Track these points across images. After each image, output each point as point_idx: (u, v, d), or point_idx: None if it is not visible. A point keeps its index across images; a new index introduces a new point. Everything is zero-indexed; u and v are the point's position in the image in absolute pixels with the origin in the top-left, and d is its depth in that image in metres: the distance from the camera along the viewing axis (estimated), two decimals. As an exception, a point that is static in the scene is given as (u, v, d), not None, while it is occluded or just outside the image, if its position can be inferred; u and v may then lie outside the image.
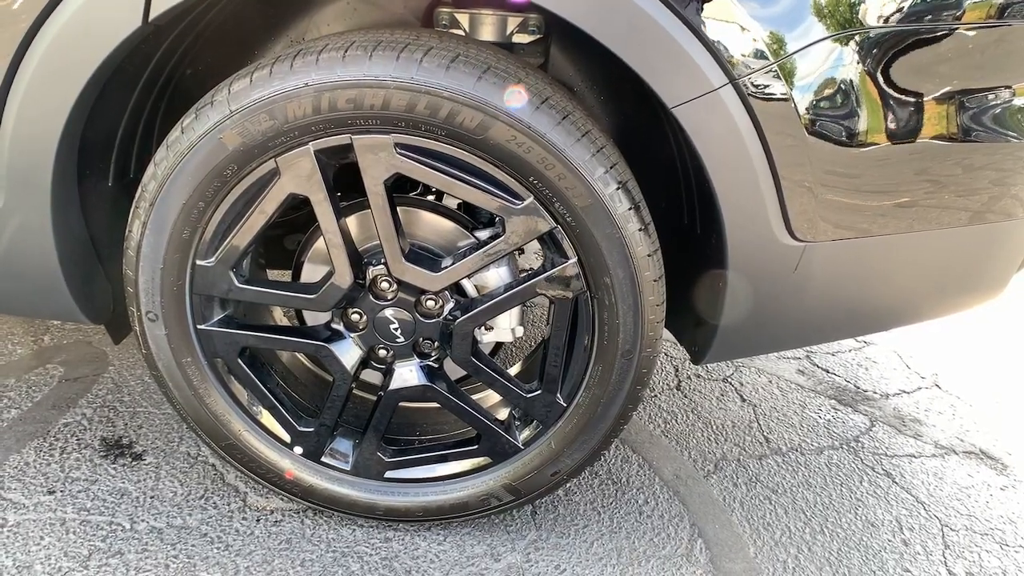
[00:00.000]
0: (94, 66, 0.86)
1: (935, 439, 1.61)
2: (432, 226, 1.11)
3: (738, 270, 1.02)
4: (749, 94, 0.89)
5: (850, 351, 1.95)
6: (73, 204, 1.00)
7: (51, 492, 1.23)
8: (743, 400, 1.69)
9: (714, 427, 1.58)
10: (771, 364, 1.84)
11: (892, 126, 0.93)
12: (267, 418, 1.15)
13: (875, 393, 1.77)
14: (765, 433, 1.58)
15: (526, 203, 0.97)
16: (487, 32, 1.12)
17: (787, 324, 1.11)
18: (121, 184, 1.11)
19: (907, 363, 1.92)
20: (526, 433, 1.16)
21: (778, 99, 0.90)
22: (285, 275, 1.32)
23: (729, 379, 1.76)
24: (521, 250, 1.10)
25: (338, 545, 1.19)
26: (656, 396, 1.67)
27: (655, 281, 1.02)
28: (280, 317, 1.36)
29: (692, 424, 1.58)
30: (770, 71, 0.88)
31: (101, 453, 1.33)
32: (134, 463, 1.32)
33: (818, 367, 1.85)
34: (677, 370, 1.78)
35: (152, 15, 0.84)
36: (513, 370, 1.28)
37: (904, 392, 1.79)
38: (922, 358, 1.95)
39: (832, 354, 1.92)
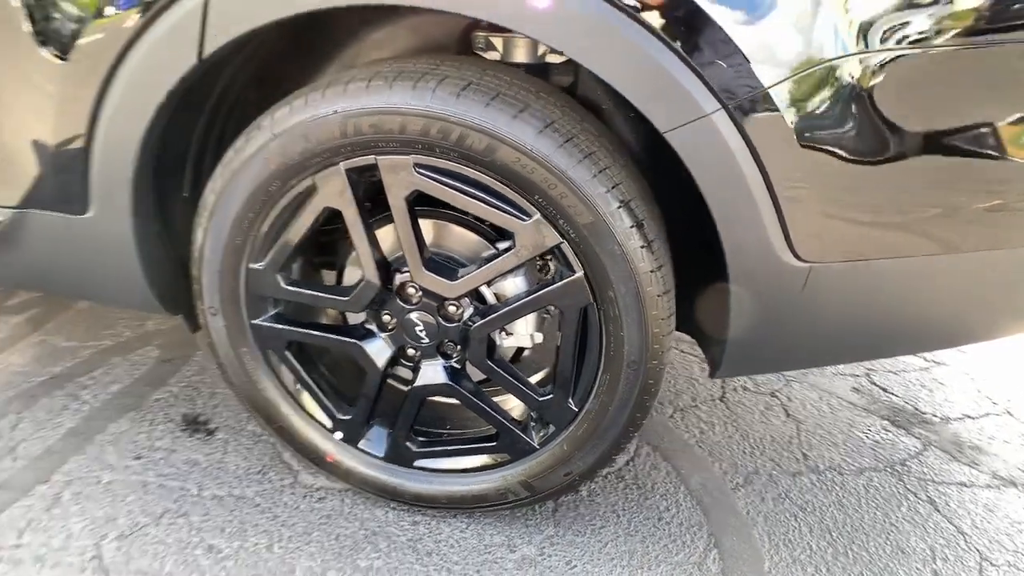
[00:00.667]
0: (161, 96, 1.02)
1: (994, 469, 1.53)
2: (458, 237, 1.20)
3: (741, 288, 1.04)
4: (742, 119, 0.91)
5: (916, 370, 1.87)
6: (150, 213, 1.17)
7: (138, 458, 1.43)
8: (788, 415, 1.67)
9: (752, 440, 1.58)
10: (825, 380, 1.80)
11: (890, 146, 0.92)
12: (311, 404, 1.28)
13: (935, 416, 1.69)
14: (804, 450, 1.56)
15: (533, 219, 1.04)
16: (520, 54, 1.20)
17: (797, 343, 1.11)
18: (195, 195, 1.28)
19: (979, 387, 1.82)
20: (542, 434, 1.23)
21: (772, 122, 0.91)
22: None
23: (777, 393, 1.74)
24: (542, 261, 1.17)
25: (371, 524, 1.31)
26: (697, 406, 1.68)
27: (659, 296, 1.06)
28: (335, 315, 1.50)
29: (730, 436, 1.59)
30: (762, 95, 0.90)
31: (181, 427, 1.52)
32: (207, 437, 1.50)
33: (876, 385, 1.79)
34: (723, 381, 1.78)
35: (205, 54, 0.98)
36: (540, 375, 1.35)
37: (968, 417, 1.70)
38: (997, 383, 1.84)
39: (895, 372, 1.85)
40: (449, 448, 1.29)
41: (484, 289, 1.17)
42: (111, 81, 1.01)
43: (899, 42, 0.88)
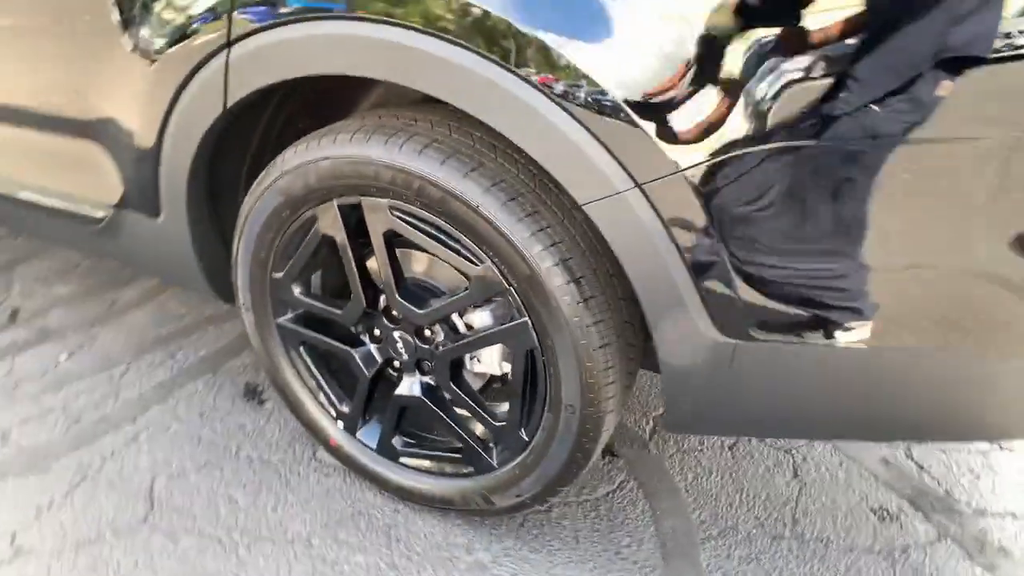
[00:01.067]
0: (201, 134, 1.25)
1: (1011, 576, 1.40)
2: (439, 270, 1.33)
3: (668, 358, 1.08)
4: (656, 198, 0.96)
5: (970, 452, 1.71)
6: (205, 220, 1.43)
7: (201, 415, 1.74)
8: (795, 476, 1.62)
9: (745, 495, 1.56)
10: (854, 444, 1.71)
11: (796, 234, 0.92)
12: (319, 394, 1.50)
13: (967, 506, 1.56)
14: (797, 515, 1.52)
15: (484, 266, 1.15)
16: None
17: (728, 415, 1.12)
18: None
19: (1039, 483, 1.63)
20: (503, 455, 1.34)
21: (685, 204, 0.95)
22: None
23: (793, 451, 1.69)
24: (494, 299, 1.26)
25: (359, 505, 1.50)
26: (701, 450, 1.68)
27: (596, 349, 1.13)
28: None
29: (723, 486, 1.58)
30: (677, 178, 0.94)
31: (241, 394, 1.82)
32: (257, 406, 1.78)
33: (912, 460, 1.67)
34: (742, 429, 1.76)
35: (229, 104, 1.19)
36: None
37: (1012, 515, 1.54)
38: (1066, 483, 1.63)
39: (942, 451, 1.71)
40: (427, 451, 1.44)
41: (456, 318, 1.30)
42: (170, 115, 1.26)
43: (810, 136, 0.88)
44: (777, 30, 0.85)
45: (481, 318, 1.29)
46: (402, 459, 1.46)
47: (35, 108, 1.49)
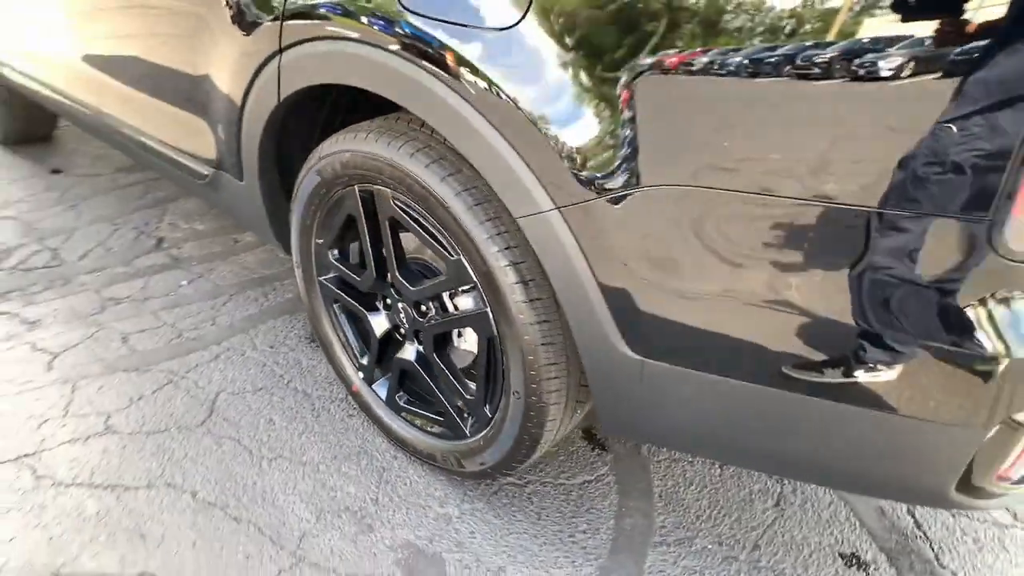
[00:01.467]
0: (264, 119, 1.52)
1: (964, 652, 1.33)
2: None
3: (591, 366, 1.18)
4: (572, 220, 1.06)
5: (984, 521, 1.60)
6: (275, 186, 1.72)
7: (271, 347, 2.08)
8: (776, 504, 1.63)
9: (716, 511, 1.60)
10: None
11: (705, 270, 0.98)
12: (347, 347, 1.75)
13: (950, 574, 1.48)
14: (759, 542, 1.54)
15: (456, 258, 1.31)
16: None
17: (647, 426, 1.20)
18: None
19: (1049, 570, 1.50)
20: (474, 426, 1.51)
21: (596, 229, 1.05)
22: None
23: (785, 481, 1.69)
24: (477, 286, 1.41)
25: (367, 446, 1.75)
26: (692, 462, 1.73)
27: (539, 345, 1.26)
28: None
29: (697, 499, 1.63)
30: (588, 206, 1.04)
31: (306, 336, 2.13)
32: (316, 348, 2.08)
33: (911, 516, 1.60)
34: (742, 450, 1.77)
35: (282, 98, 1.44)
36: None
37: (999, 594, 1.45)
38: (1083, 576, 1.49)
39: (953, 515, 1.62)
40: (420, 411, 1.65)
41: (446, 299, 1.47)
42: (248, 96, 1.54)
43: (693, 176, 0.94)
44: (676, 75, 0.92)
45: (465, 302, 1.46)
46: (403, 414, 1.68)
47: (162, 78, 1.85)
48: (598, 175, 1.01)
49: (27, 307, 2.21)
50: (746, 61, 0.88)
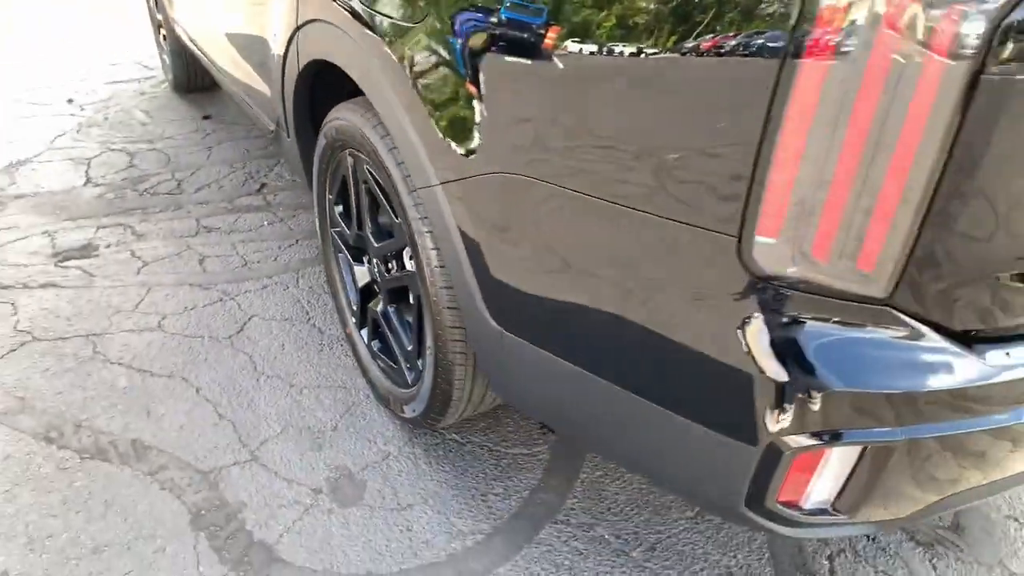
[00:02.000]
0: (293, 85, 1.79)
1: None
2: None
3: (470, 331, 1.31)
4: (449, 198, 1.20)
5: (981, 565, 1.50)
6: (309, 143, 1.99)
7: (310, 287, 2.38)
8: (694, 518, 1.63)
9: (630, 508, 1.65)
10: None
11: (553, 249, 1.08)
12: (346, 291, 1.99)
13: (841, 625, 1.42)
14: (656, 545, 1.56)
15: (399, 222, 1.49)
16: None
17: (513, 392, 1.31)
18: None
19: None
20: (413, 375, 1.69)
21: (463, 208, 1.17)
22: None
23: (713, 499, 1.68)
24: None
25: (348, 382, 1.98)
26: (629, 460, 1.78)
27: (444, 308, 1.41)
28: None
29: (618, 492, 1.68)
30: (456, 185, 1.17)
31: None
32: (344, 295, 2.35)
33: (828, 562, 1.54)
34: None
35: (300, 67, 1.70)
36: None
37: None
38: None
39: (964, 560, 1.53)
40: (382, 357, 1.85)
41: (406, 258, 1.66)
42: (284, 66, 1.83)
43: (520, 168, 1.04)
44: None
45: (410, 264, 1.63)
46: (376, 359, 1.89)
47: (248, 45, 2.20)
48: (462, 156, 1.14)
49: (142, 223, 2.71)
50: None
